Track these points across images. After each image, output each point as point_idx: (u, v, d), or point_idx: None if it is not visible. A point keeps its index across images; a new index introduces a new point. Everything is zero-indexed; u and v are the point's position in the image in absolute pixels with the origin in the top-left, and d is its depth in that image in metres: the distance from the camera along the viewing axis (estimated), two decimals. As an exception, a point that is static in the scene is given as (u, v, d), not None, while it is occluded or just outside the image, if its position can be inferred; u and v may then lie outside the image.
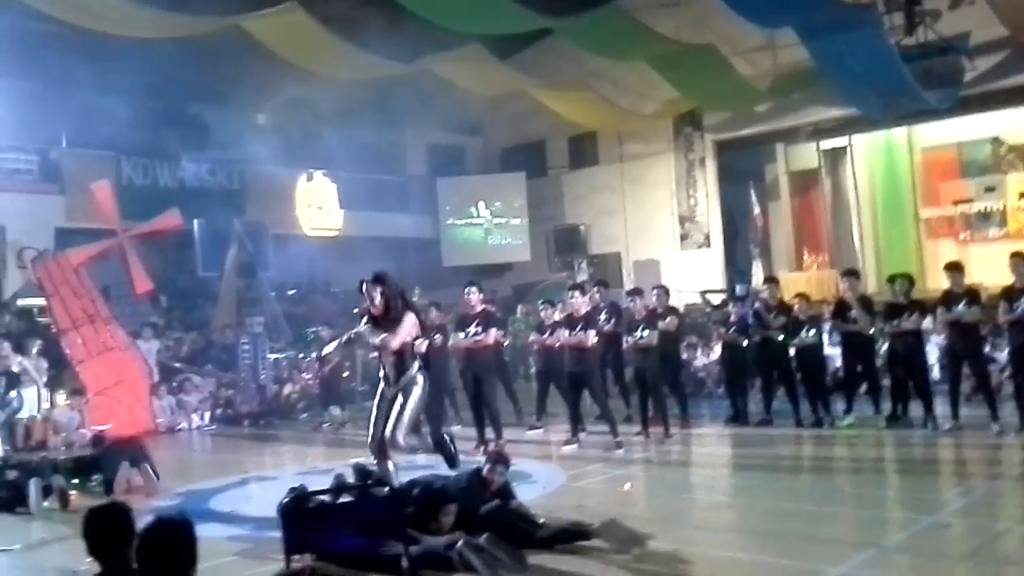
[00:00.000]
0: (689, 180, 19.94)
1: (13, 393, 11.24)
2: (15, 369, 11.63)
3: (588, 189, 21.31)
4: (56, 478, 8.11)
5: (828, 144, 19.23)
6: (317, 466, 9.59)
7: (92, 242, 14.96)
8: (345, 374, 14.75)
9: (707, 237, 19.68)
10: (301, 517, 3.84)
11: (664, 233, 20.20)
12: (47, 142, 16.58)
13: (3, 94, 15.32)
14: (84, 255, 15.04)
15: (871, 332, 10.34)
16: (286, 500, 3.84)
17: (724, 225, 19.85)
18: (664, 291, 11.48)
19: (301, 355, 15.90)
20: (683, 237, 19.93)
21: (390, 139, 21.86)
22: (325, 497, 4.37)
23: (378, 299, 6.41)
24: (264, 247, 17.82)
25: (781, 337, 10.41)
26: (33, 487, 7.81)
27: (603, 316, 11.06)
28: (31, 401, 12.40)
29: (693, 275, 19.01)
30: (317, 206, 20.02)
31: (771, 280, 11.64)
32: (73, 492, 8.02)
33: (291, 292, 19.42)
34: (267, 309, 16.68)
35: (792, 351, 10.46)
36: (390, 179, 21.91)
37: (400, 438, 6.01)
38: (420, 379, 6.38)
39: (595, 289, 11.71)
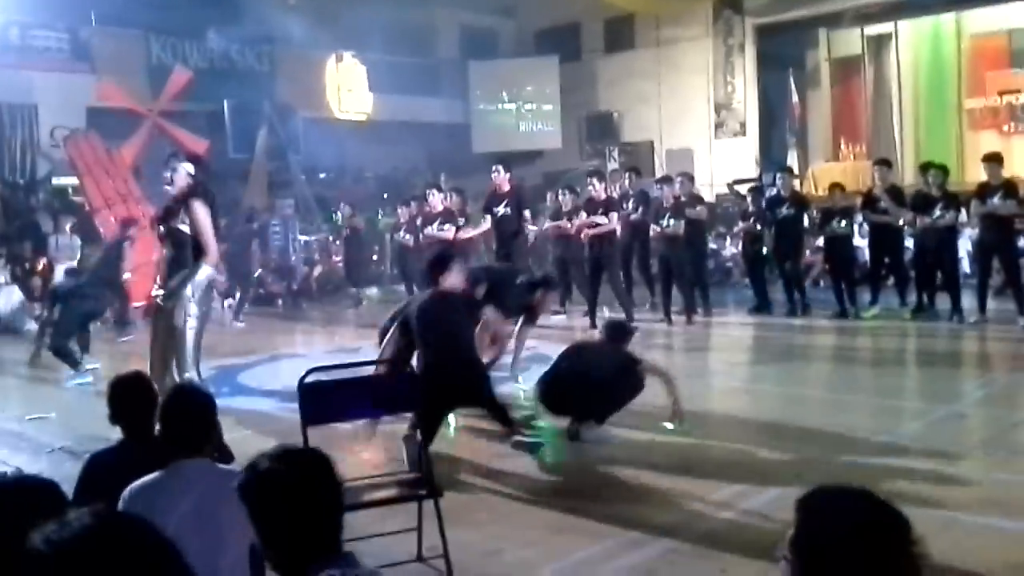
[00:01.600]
0: (727, 66, 19.39)
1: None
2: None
3: (623, 75, 20.80)
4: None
5: (872, 30, 18.54)
6: (345, 345, 9.79)
7: (121, 121, 14.99)
8: (374, 256, 14.91)
9: (743, 126, 19.26)
10: (320, 391, 3.92)
11: (699, 121, 19.79)
12: (77, 20, 16.41)
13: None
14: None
15: (900, 223, 10.20)
16: (306, 375, 3.93)
17: (761, 114, 19.39)
18: (689, 179, 11.32)
19: (330, 237, 16.02)
20: (718, 126, 19.52)
21: (421, 20, 21.38)
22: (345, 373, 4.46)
23: None
24: (294, 129, 17.75)
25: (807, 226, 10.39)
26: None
27: (631, 204, 11.00)
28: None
29: (727, 165, 18.71)
30: (347, 88, 19.78)
31: (785, 170, 11.50)
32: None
33: (322, 176, 19.41)
34: (297, 192, 16.75)
35: (819, 242, 10.41)
36: (420, 62, 21.52)
37: None
38: None
39: (627, 176, 11.61)
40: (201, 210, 5.23)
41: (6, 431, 5.90)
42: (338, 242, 15.55)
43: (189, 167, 5.45)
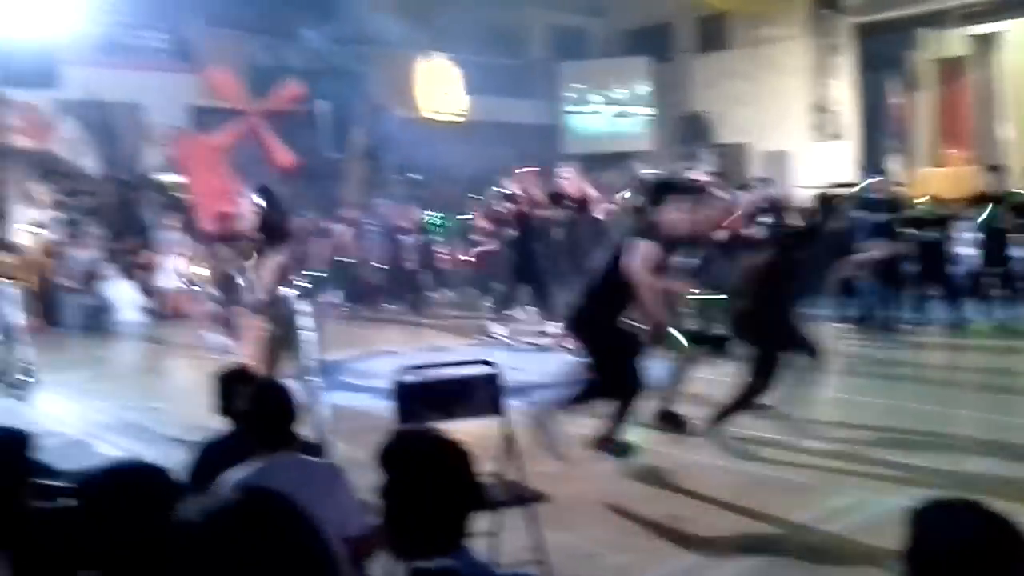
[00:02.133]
0: (824, 67, 18.91)
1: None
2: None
3: (716, 75, 20.45)
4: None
5: (978, 30, 17.82)
6: (439, 344, 9.83)
7: (224, 120, 15.41)
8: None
9: (841, 129, 18.75)
10: (413, 390, 3.95)
11: (795, 124, 19.33)
12: (181, 21, 16.93)
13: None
14: (223, 140, 15.58)
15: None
16: (399, 373, 3.96)
17: (860, 116, 18.85)
18: (769, 183, 10.78)
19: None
20: (816, 128, 19.05)
21: (511, 20, 21.41)
22: (440, 372, 4.47)
23: None
24: (387, 130, 17.97)
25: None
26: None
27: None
28: (170, 271, 13.15)
29: (825, 169, 18.23)
30: (440, 89, 19.93)
31: (877, 172, 11.11)
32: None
33: (412, 176, 19.60)
34: (391, 192, 16.95)
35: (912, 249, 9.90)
36: (510, 62, 21.55)
37: None
38: None
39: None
40: (270, 260, 5.33)
41: (121, 420, 6.13)
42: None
43: (259, 201, 5.51)
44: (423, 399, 3.89)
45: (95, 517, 2.03)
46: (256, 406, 3.09)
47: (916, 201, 10.41)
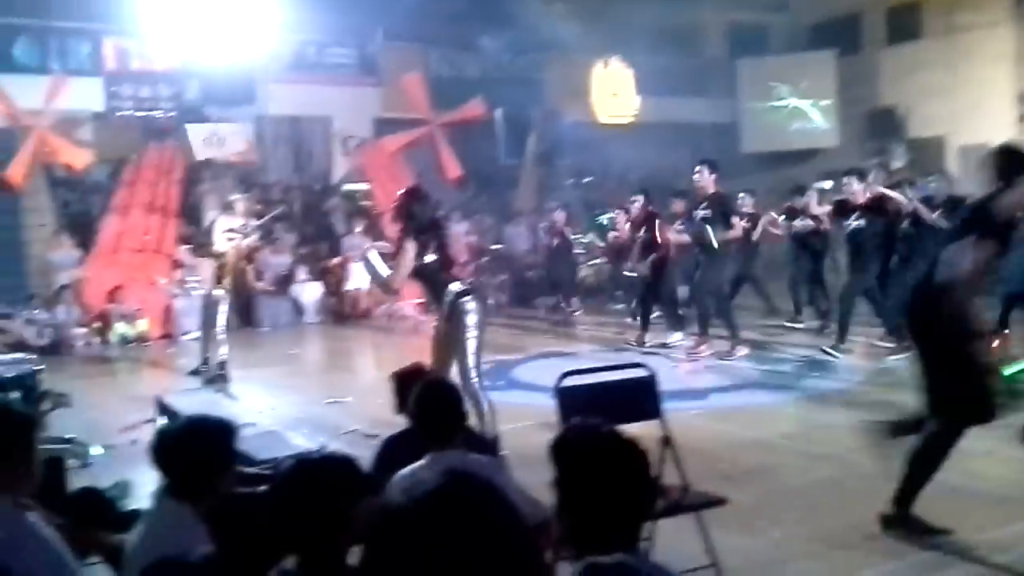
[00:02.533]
0: (1032, 53, 17.48)
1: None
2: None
3: (908, 66, 19.31)
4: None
5: None
6: (611, 345, 9.76)
7: (406, 131, 15.96)
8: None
9: (1052, 118, 17.27)
10: (574, 394, 3.92)
11: (998, 115, 17.93)
12: (365, 37, 17.70)
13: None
14: (399, 142, 16.18)
15: None
16: (562, 377, 3.94)
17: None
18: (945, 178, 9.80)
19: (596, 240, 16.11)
20: (1022, 118, 17.62)
21: (688, 20, 21.06)
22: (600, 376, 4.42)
23: None
24: (561, 135, 18.06)
25: None
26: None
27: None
28: (356, 275, 13.73)
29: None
30: (612, 93, 19.86)
31: None
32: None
33: (586, 180, 19.63)
34: (564, 196, 17.02)
35: None
36: (686, 62, 21.20)
37: None
38: None
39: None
40: (408, 246, 5.39)
41: (310, 413, 6.44)
42: (602, 244, 15.58)
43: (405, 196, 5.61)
44: (585, 403, 3.85)
45: (288, 503, 2.11)
46: (423, 404, 3.14)
47: None
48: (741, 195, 11.86)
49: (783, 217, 11.32)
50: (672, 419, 4.02)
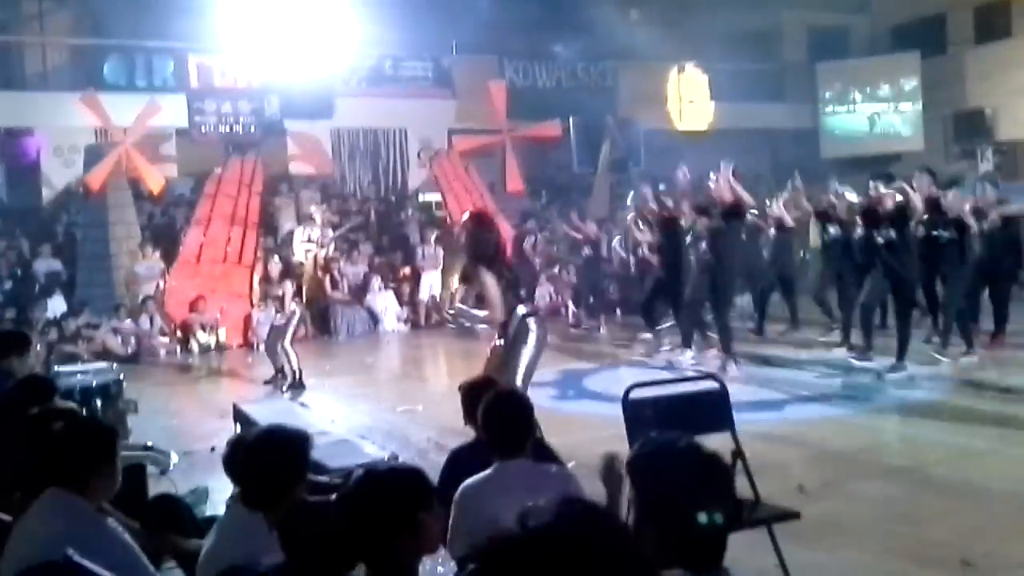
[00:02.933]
0: None
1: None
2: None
3: (997, 66, 18.64)
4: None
5: None
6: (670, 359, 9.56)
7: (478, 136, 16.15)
8: None
9: None
10: (643, 406, 3.87)
11: (1094, 115, 17.24)
12: (440, 50, 17.89)
13: (400, 6, 16.68)
14: (469, 145, 16.35)
15: None
16: (628, 390, 3.90)
17: None
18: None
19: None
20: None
21: (766, 24, 20.74)
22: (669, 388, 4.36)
23: None
24: (635, 142, 17.94)
25: None
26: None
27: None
28: (430, 284, 13.87)
29: None
30: (688, 99, 19.68)
31: None
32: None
33: (662, 187, 19.43)
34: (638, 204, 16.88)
35: None
36: (764, 67, 20.89)
37: None
38: None
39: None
40: (486, 278, 5.31)
41: (382, 420, 6.50)
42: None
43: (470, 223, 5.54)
44: (653, 415, 3.80)
45: (357, 513, 2.12)
46: (493, 413, 3.13)
47: None
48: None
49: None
50: (746, 431, 3.94)
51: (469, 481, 3.00)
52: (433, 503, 2.28)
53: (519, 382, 5.25)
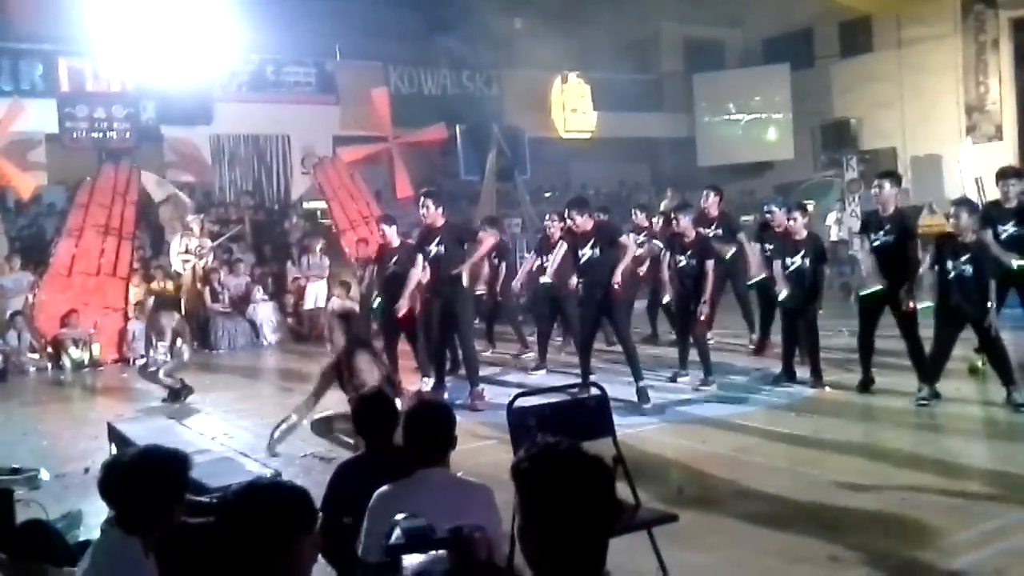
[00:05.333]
0: (979, 65, 17.91)
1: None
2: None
3: (860, 79, 19.70)
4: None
5: None
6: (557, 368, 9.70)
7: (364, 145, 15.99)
8: None
9: (998, 129, 17.69)
10: (526, 414, 3.95)
11: (947, 125, 18.37)
12: (323, 55, 17.67)
13: (283, 10, 16.42)
14: (356, 155, 16.20)
15: None
16: (513, 399, 3.97)
17: (1020, 115, 17.73)
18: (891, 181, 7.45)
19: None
20: (970, 129, 18.03)
21: (644, 35, 21.33)
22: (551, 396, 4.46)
23: None
24: (521, 151, 18.13)
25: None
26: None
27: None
28: (316, 294, 13.64)
29: (980, 172, 17.21)
30: (571, 108, 20.03)
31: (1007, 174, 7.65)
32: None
33: (547, 195, 19.72)
34: (523, 211, 17.06)
35: None
36: (643, 77, 21.47)
37: None
38: None
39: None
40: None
41: (265, 437, 6.36)
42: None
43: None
44: (537, 423, 3.89)
45: (233, 535, 2.10)
46: (416, 422, 3.13)
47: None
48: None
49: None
50: (628, 435, 4.06)
51: (386, 487, 2.97)
52: (314, 524, 2.27)
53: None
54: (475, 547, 2.03)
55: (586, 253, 7.69)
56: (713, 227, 9.71)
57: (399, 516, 2.26)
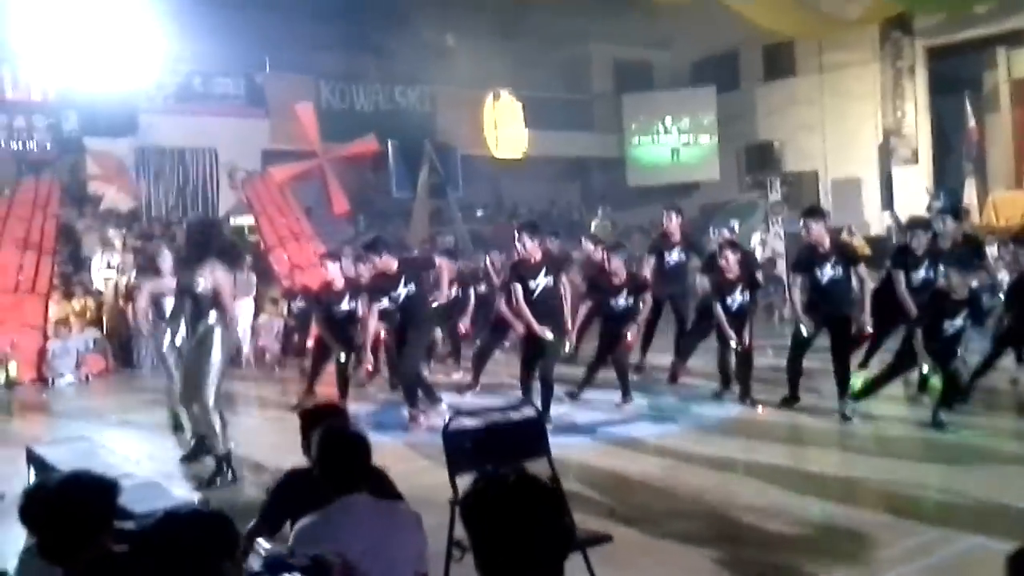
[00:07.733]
0: (896, 91, 18.58)
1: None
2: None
3: (783, 103, 20.26)
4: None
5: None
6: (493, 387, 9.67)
7: (294, 162, 15.78)
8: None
9: (915, 153, 18.36)
10: (461, 437, 3.94)
11: (866, 149, 19.01)
12: (252, 67, 17.43)
13: (211, 20, 16.16)
14: (287, 173, 15.96)
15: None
16: (447, 421, 3.97)
17: (934, 140, 18.43)
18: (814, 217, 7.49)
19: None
20: (888, 153, 18.67)
21: (574, 55, 21.57)
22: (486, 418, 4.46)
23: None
24: (453, 168, 18.16)
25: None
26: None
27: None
28: (243, 312, 13.35)
29: (897, 195, 17.84)
30: (504, 126, 20.13)
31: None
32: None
33: (479, 213, 19.77)
34: (456, 229, 17.07)
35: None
36: (574, 97, 21.70)
37: None
38: None
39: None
40: None
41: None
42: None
43: None
44: (473, 445, 3.89)
45: (156, 561, 2.06)
46: (327, 451, 3.05)
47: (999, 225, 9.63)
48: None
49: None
50: (558, 455, 4.08)
51: (306, 520, 2.89)
52: (237, 550, 2.23)
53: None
54: (331, 573, 2.02)
55: (539, 283, 7.39)
56: (677, 251, 9.28)
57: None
